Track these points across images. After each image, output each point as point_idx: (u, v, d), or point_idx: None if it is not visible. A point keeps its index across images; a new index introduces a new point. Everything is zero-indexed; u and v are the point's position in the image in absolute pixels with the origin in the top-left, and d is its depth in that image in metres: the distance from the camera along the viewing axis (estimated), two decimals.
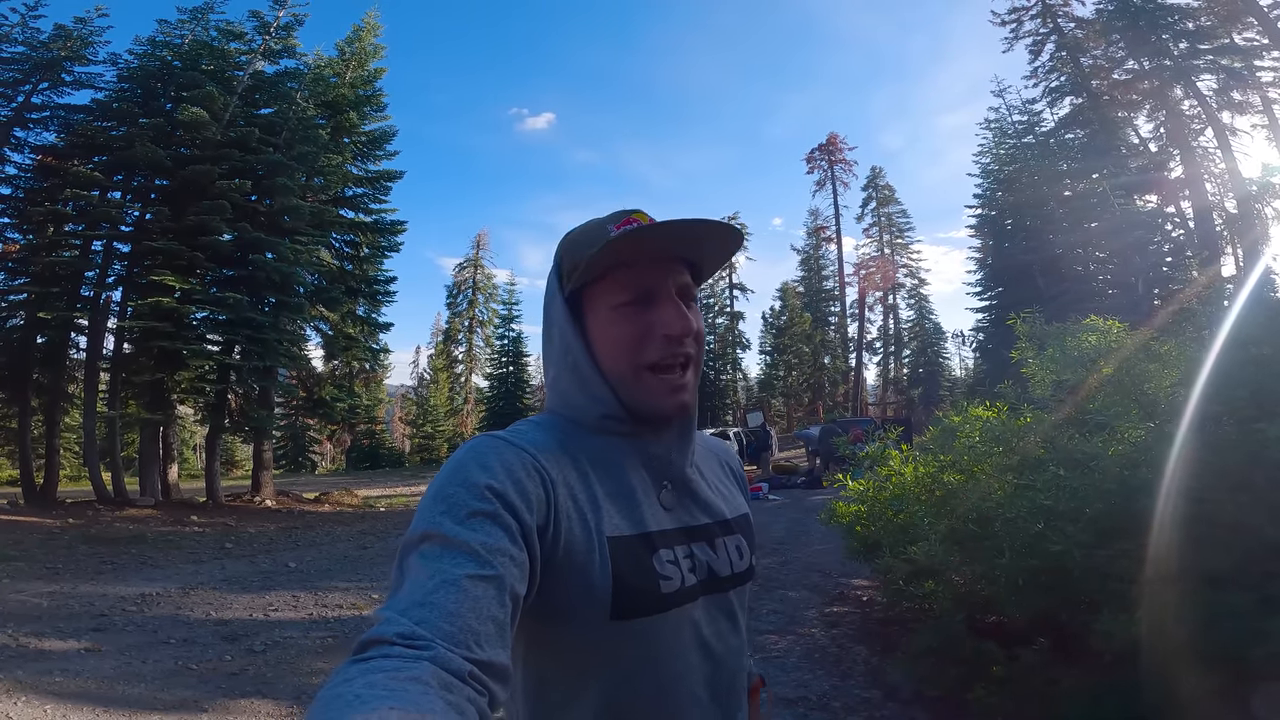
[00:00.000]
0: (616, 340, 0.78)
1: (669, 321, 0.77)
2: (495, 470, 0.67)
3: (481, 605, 0.56)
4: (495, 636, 0.55)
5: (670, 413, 0.79)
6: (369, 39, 18.92)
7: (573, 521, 0.71)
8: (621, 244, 0.74)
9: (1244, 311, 3.11)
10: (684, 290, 0.80)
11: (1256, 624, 2.27)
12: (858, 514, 5.14)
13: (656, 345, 0.77)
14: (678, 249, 0.80)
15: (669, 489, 0.80)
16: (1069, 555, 2.70)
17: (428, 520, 0.62)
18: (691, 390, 0.80)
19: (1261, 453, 2.50)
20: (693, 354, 0.79)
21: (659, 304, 0.78)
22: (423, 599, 0.55)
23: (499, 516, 0.63)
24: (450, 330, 42.47)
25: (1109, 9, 20.53)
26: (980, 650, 3.23)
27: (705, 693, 0.77)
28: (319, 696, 0.45)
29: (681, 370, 0.78)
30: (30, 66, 14.02)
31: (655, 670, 0.73)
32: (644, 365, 0.77)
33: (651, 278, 0.78)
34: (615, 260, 0.76)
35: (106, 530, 10.32)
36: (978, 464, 4.12)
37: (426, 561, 0.58)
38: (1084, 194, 22.55)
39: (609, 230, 0.77)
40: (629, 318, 0.77)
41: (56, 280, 13.67)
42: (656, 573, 0.73)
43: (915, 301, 40.72)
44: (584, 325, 0.81)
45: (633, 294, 0.77)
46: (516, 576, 0.61)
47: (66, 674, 4.25)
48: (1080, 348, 4.28)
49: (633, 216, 0.79)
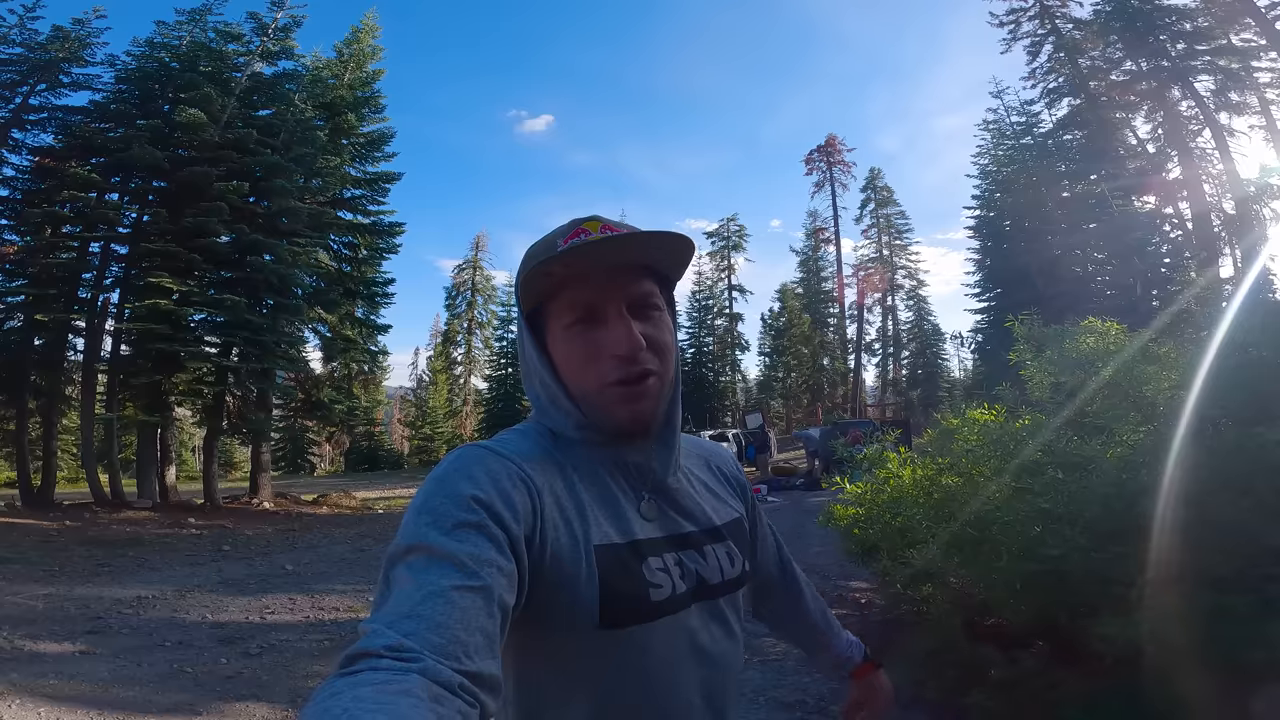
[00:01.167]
0: (569, 360, 0.76)
1: (616, 340, 0.73)
2: (481, 480, 0.66)
3: (470, 616, 0.55)
4: (484, 647, 0.54)
5: (627, 425, 0.76)
6: (367, 40, 18.95)
7: (559, 530, 0.70)
8: (552, 267, 0.72)
9: (1241, 313, 3.10)
10: (640, 300, 0.76)
11: (1256, 627, 2.26)
12: (856, 516, 5.13)
13: (609, 365, 0.74)
14: (626, 260, 0.76)
15: (649, 499, 0.79)
16: (1067, 559, 2.69)
17: (413, 532, 0.62)
18: (654, 400, 0.77)
19: (1260, 456, 2.49)
20: (654, 368, 0.75)
21: (606, 322, 0.74)
22: (410, 611, 0.54)
23: (485, 527, 0.62)
24: (449, 332, 42.48)
25: (1106, 10, 20.57)
26: (979, 653, 3.22)
27: (699, 699, 0.76)
28: (305, 712, 0.44)
29: (639, 382, 0.75)
30: (28, 68, 14.03)
31: (647, 678, 0.72)
32: (601, 385, 0.75)
33: (597, 295, 0.74)
34: (557, 281, 0.74)
35: (103, 532, 10.30)
36: (976, 467, 4.10)
37: (413, 573, 0.58)
38: (1082, 195, 22.60)
39: (558, 245, 0.74)
40: (578, 337, 0.75)
41: (54, 282, 13.67)
42: (646, 581, 0.72)
43: (914, 303, 40.81)
44: (545, 343, 0.79)
45: (579, 313, 0.75)
46: (504, 587, 0.60)
47: (61, 676, 4.23)
48: (1078, 350, 4.27)
49: (583, 227, 0.75)
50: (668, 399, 0.80)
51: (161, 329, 13.07)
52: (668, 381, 0.79)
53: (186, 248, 13.48)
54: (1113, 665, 2.64)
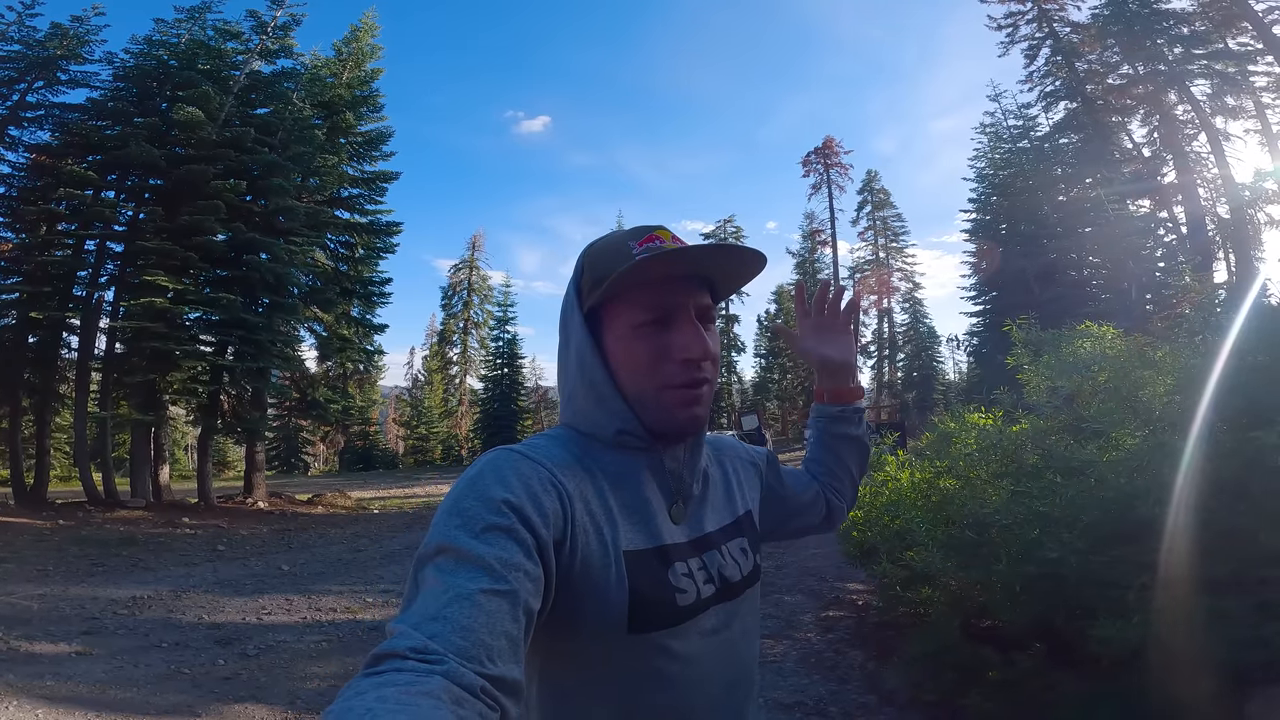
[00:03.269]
0: (635, 360, 0.78)
1: (688, 344, 0.76)
2: (512, 484, 0.67)
3: (495, 620, 0.56)
4: (508, 652, 0.55)
5: (685, 427, 0.79)
6: (366, 39, 18.90)
7: (589, 536, 0.71)
8: (650, 265, 0.74)
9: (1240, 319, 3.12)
10: (703, 312, 0.80)
11: (1253, 630, 2.28)
12: (854, 519, 5.14)
13: (674, 367, 0.77)
14: (701, 271, 0.80)
15: (679, 504, 0.81)
16: (1065, 562, 2.71)
17: (443, 534, 0.62)
18: (706, 406, 0.80)
19: (1258, 460, 2.51)
20: (709, 377, 0.79)
21: (678, 326, 0.77)
22: (436, 613, 0.55)
23: (514, 531, 0.63)
24: (445, 332, 42.37)
25: (1105, 14, 20.64)
26: (976, 656, 3.23)
27: (721, 699, 0.79)
28: (330, 710, 0.45)
29: (699, 387, 0.78)
30: (26, 65, 13.93)
31: (671, 681, 0.74)
32: (662, 385, 0.77)
33: (672, 299, 0.77)
34: (638, 280, 0.76)
35: (97, 532, 10.25)
36: (974, 470, 4.12)
37: (441, 575, 0.58)
38: (1078, 199, 22.65)
39: (631, 247, 0.77)
40: (648, 338, 0.77)
41: (49, 280, 13.56)
42: (672, 586, 0.74)
43: (910, 305, 40.86)
44: (601, 341, 0.80)
45: (653, 314, 0.77)
46: (531, 592, 0.61)
47: (57, 677, 4.21)
48: (1075, 354, 4.29)
49: (656, 234, 0.78)
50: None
51: (156, 327, 12.98)
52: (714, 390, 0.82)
53: (182, 246, 13.39)
54: (1109, 668, 2.66)
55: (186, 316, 14.07)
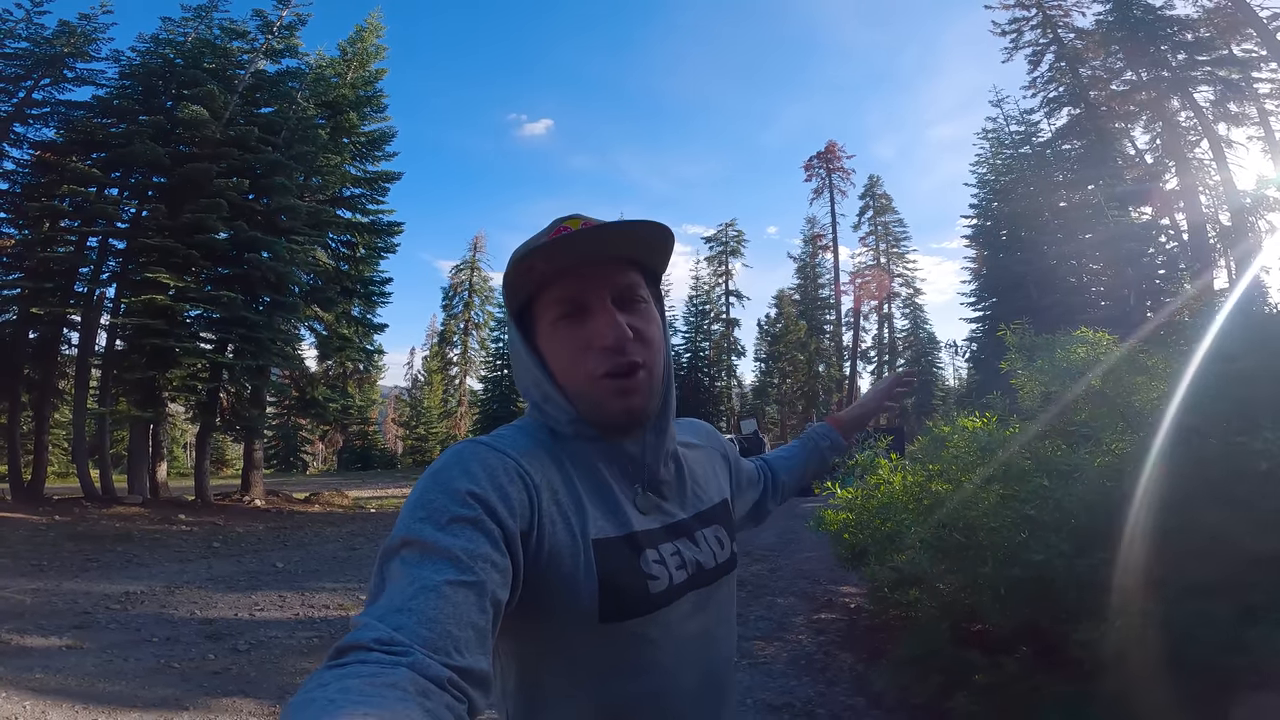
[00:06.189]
0: (559, 356, 0.77)
1: (601, 333, 0.74)
2: (477, 475, 0.66)
3: (461, 611, 0.55)
4: (475, 643, 0.55)
5: (619, 418, 0.77)
6: (371, 39, 18.95)
7: (557, 526, 0.70)
8: (533, 261, 0.73)
9: (1228, 324, 3.12)
10: (624, 292, 0.77)
11: (1237, 634, 2.28)
12: (846, 521, 5.14)
13: (597, 357, 0.75)
14: (607, 252, 0.77)
15: (642, 491, 0.80)
16: (1051, 565, 2.71)
17: (408, 526, 0.62)
18: (644, 393, 0.77)
19: (1244, 465, 2.51)
20: (641, 359, 0.76)
21: (592, 315, 0.76)
22: (402, 605, 0.54)
23: (481, 522, 0.62)
24: (445, 332, 42.42)
25: (1109, 20, 20.64)
26: (963, 658, 3.23)
27: (698, 686, 0.78)
28: (292, 702, 0.45)
29: (629, 375, 0.76)
30: (33, 62, 14.02)
31: (647, 669, 0.73)
32: (590, 378, 0.75)
33: (580, 288, 0.75)
34: (541, 277, 0.75)
35: (93, 528, 10.25)
36: (965, 474, 4.12)
37: (406, 568, 0.58)
38: (1079, 205, 22.62)
39: (543, 243, 0.75)
40: (564, 332, 0.76)
41: (50, 276, 13.63)
42: (644, 573, 0.73)
43: (910, 311, 40.84)
44: (535, 340, 0.80)
45: (565, 308, 0.76)
46: (498, 582, 0.60)
47: (47, 671, 4.22)
48: (1069, 359, 4.29)
49: (565, 225, 0.75)
50: (660, 392, 0.80)
51: (157, 324, 13.03)
52: (657, 374, 0.79)
53: (184, 243, 13.44)
54: (1095, 670, 2.65)
55: (187, 314, 14.11)
